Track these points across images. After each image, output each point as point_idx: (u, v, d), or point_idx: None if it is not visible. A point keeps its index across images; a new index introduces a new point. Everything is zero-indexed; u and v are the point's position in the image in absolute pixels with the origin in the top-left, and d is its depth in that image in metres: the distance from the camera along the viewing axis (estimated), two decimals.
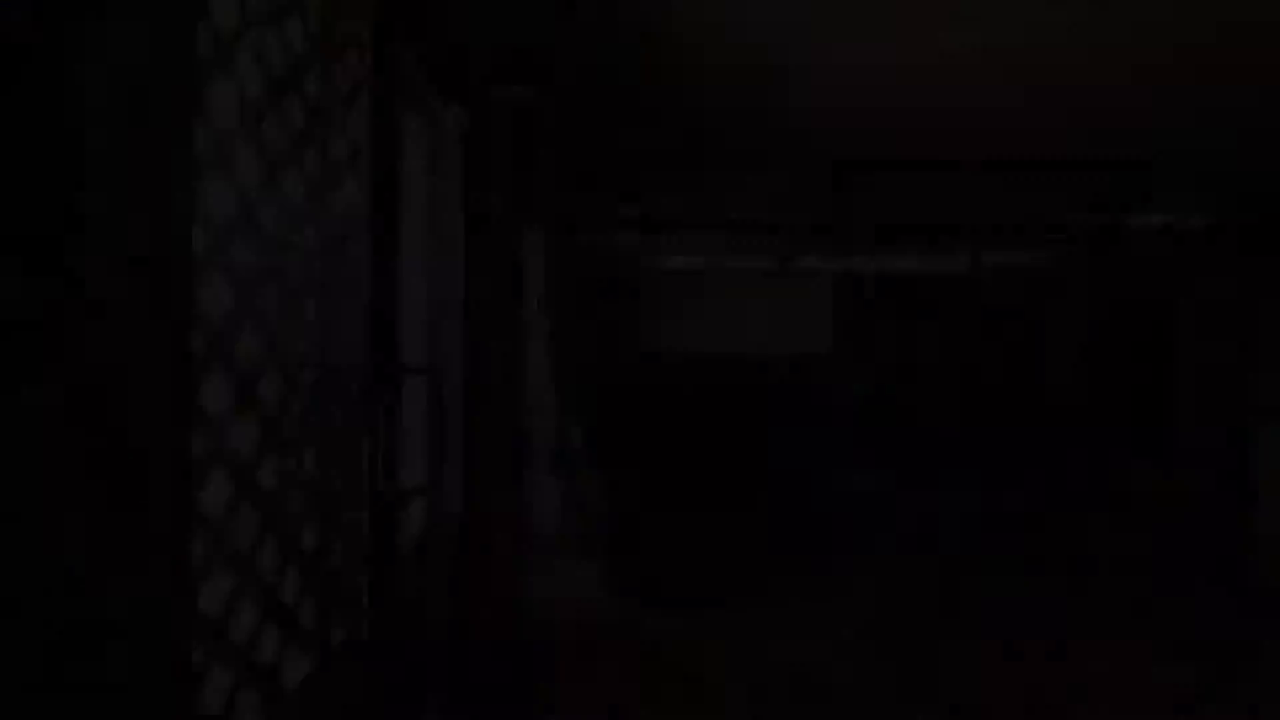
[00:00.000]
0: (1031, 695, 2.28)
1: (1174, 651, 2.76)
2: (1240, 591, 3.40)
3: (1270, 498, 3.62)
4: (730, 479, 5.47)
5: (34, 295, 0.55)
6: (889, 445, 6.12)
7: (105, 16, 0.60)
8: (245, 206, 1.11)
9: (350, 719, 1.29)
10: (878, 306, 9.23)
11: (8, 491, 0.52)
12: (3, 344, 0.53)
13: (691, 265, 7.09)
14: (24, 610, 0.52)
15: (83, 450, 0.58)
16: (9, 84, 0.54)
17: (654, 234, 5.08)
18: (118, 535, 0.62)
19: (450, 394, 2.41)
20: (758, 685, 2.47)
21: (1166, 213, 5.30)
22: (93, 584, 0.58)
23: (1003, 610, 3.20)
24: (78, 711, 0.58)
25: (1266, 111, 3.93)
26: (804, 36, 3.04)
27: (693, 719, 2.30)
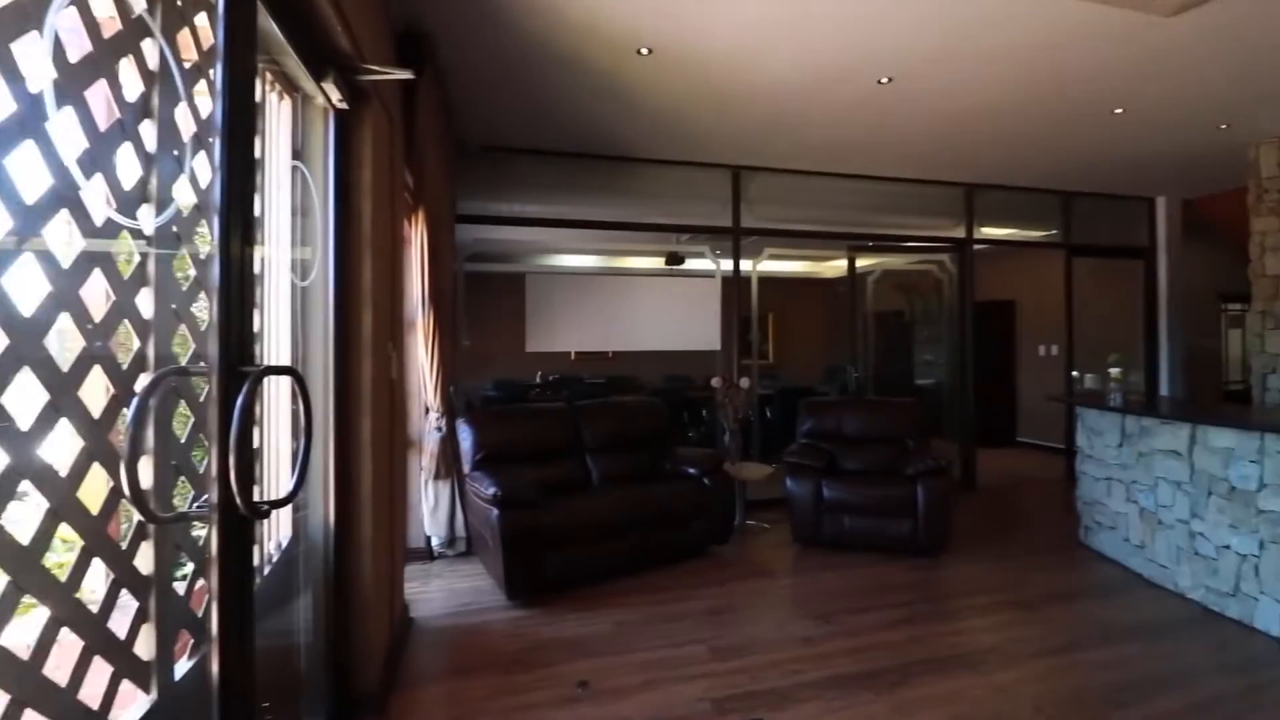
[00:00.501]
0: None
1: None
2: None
3: (1083, 467, 4.22)
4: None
5: None
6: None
7: None
8: (65, 185, 0.97)
9: None
10: (766, 306, 9.71)
11: None
12: None
13: (583, 264, 7.05)
14: None
15: None
16: None
17: (546, 229, 5.02)
18: None
19: (321, 395, 2.25)
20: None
21: (1014, 228, 6.01)
22: None
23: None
24: None
25: (1072, 168, 4.68)
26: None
27: None
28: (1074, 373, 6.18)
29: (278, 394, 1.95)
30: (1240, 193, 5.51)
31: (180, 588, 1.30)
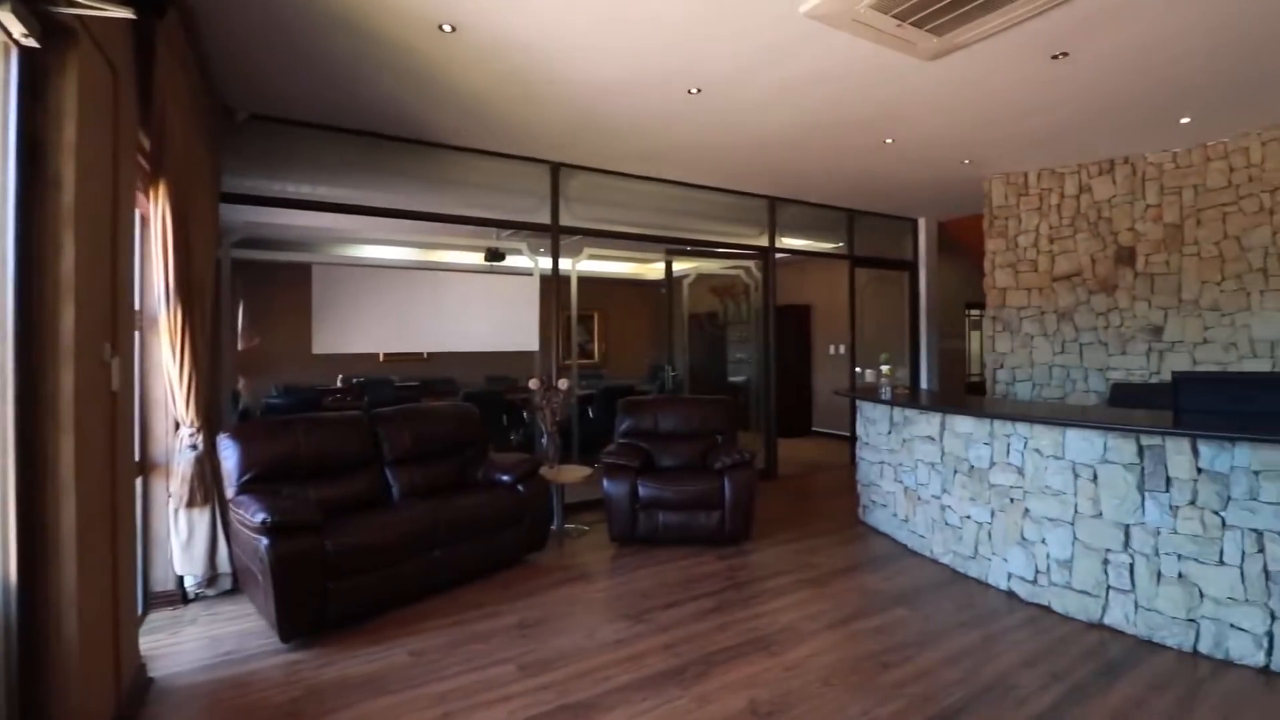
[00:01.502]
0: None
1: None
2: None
3: (861, 453, 4.72)
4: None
5: None
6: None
7: None
8: None
9: None
10: (592, 305, 9.73)
11: None
12: None
13: (392, 256, 6.48)
14: None
15: None
16: None
17: (349, 217, 4.49)
18: None
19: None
20: None
21: (809, 239, 6.59)
22: None
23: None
24: None
25: (853, 188, 5.28)
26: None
27: None
28: (857, 369, 6.98)
29: None
30: (979, 218, 6.58)
31: None
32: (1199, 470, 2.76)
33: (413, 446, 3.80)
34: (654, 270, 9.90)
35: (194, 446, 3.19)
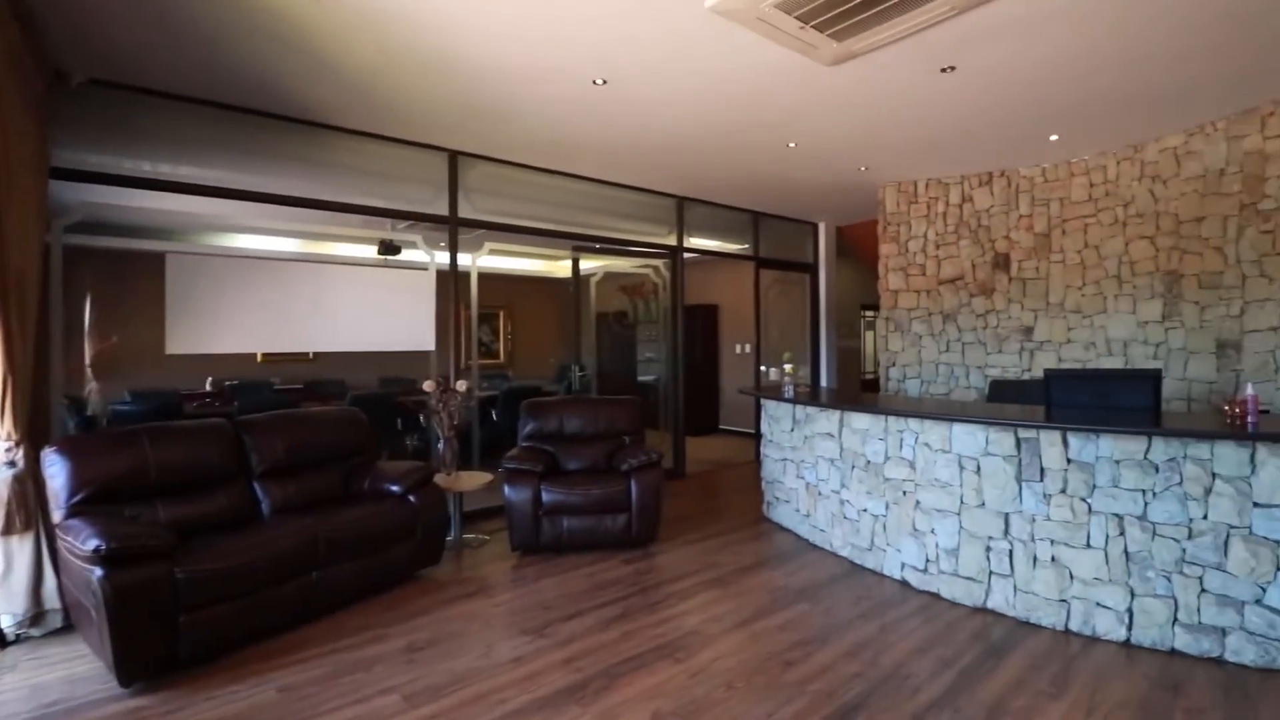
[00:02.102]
0: None
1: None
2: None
3: (765, 450, 4.78)
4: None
5: None
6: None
7: None
8: None
9: None
10: (497, 303, 9.38)
11: None
12: None
13: (265, 246, 5.95)
14: None
15: None
16: None
17: (221, 201, 4.01)
18: None
19: None
20: None
21: (716, 240, 6.64)
22: None
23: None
24: None
25: (758, 191, 5.35)
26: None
27: None
28: (762, 367, 7.12)
29: None
30: (873, 223, 6.89)
31: None
32: (1069, 460, 2.96)
33: (286, 456, 3.43)
34: (562, 268, 9.70)
35: (12, 464, 2.72)
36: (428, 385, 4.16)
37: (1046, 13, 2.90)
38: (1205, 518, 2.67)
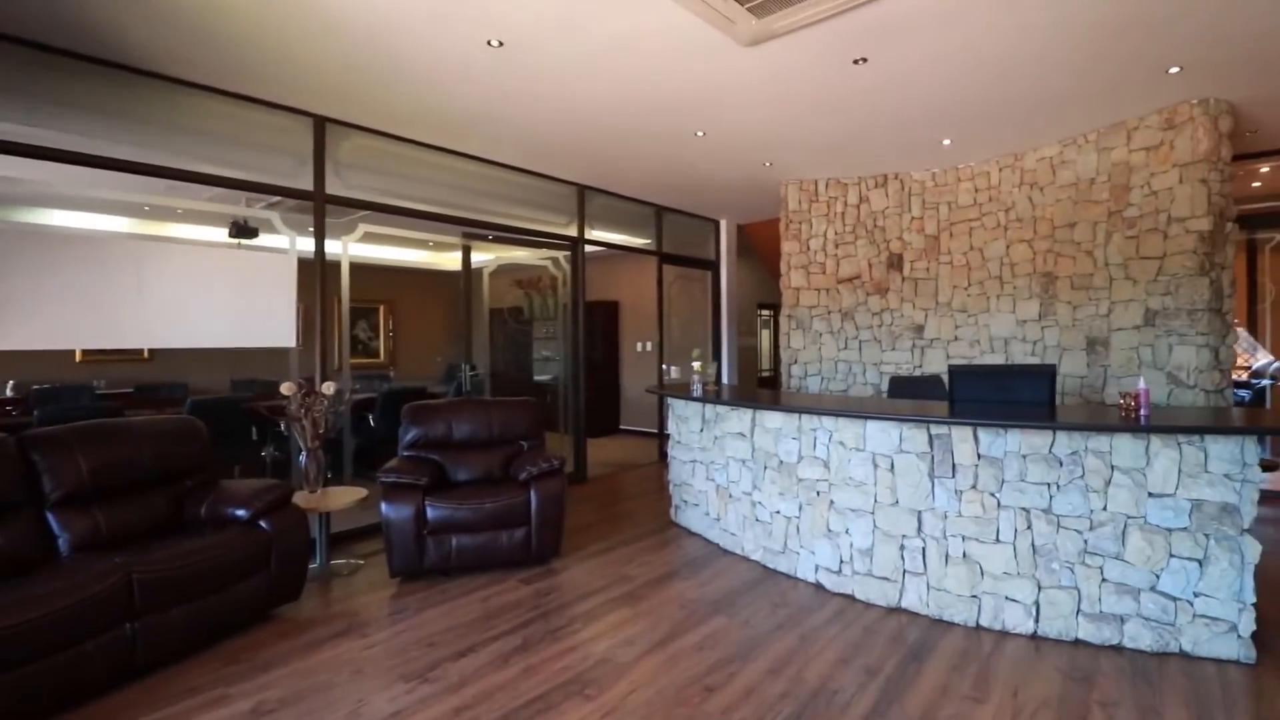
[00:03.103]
0: None
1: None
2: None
3: (673, 451, 4.55)
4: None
5: None
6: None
7: None
8: None
9: None
10: (377, 297, 8.55)
11: None
12: None
13: (79, 225, 5.00)
14: None
15: None
16: None
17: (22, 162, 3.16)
18: None
19: None
20: None
21: (618, 233, 6.34)
22: None
23: None
24: None
25: (662, 182, 5.12)
26: None
27: None
28: (664, 365, 6.94)
29: None
30: (773, 223, 6.90)
31: None
32: (979, 456, 2.94)
33: (93, 479, 2.73)
34: (451, 260, 9.05)
35: None
36: (286, 388, 3.55)
37: (963, 6, 2.86)
38: (1105, 509, 2.73)
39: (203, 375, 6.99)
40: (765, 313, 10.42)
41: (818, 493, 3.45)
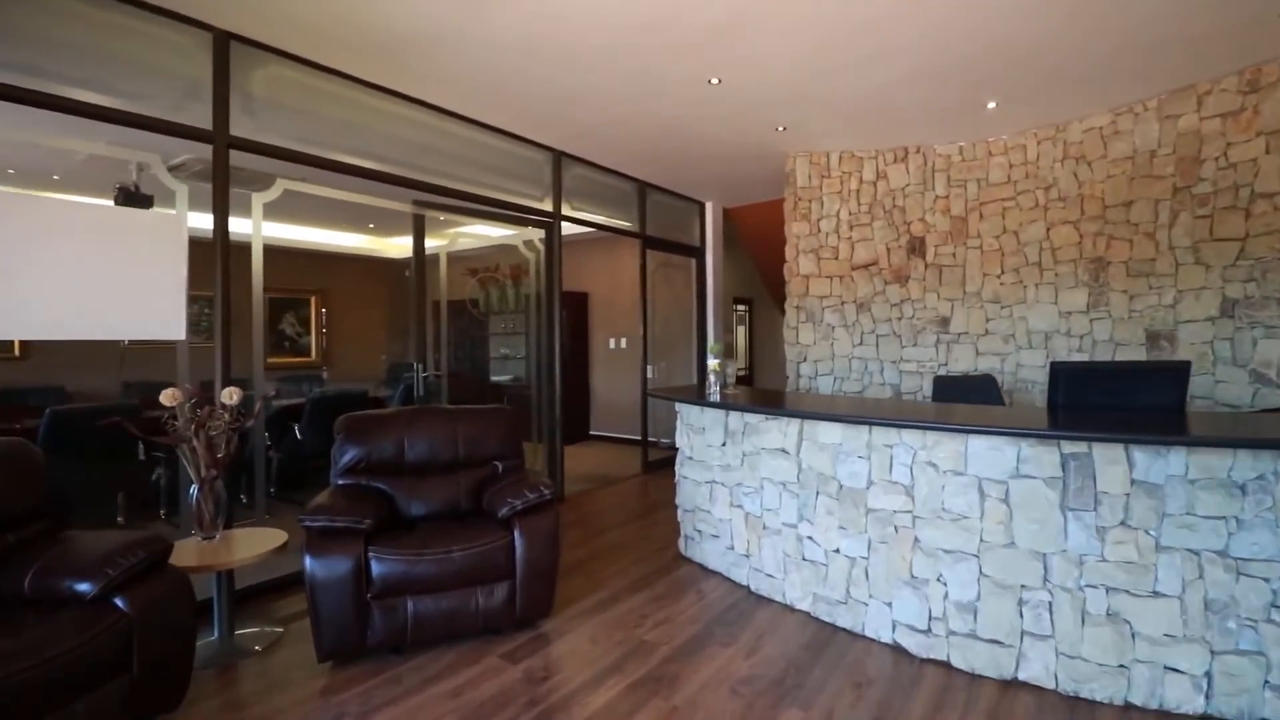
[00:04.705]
0: None
1: None
2: None
3: (683, 470, 3.75)
4: None
5: None
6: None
7: None
8: None
9: None
10: (299, 285, 7.34)
11: None
12: None
13: None
14: None
15: None
16: None
17: None
18: None
19: None
20: None
21: (597, 213, 5.45)
22: None
23: None
24: None
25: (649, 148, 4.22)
26: None
27: None
28: (648, 365, 6.09)
29: None
30: (763, 206, 6.15)
31: None
32: (1133, 482, 2.22)
33: None
34: (397, 247, 7.95)
35: None
36: (168, 397, 2.51)
37: None
38: None
39: (89, 377, 5.73)
40: (741, 308, 9.72)
41: (896, 528, 2.67)
